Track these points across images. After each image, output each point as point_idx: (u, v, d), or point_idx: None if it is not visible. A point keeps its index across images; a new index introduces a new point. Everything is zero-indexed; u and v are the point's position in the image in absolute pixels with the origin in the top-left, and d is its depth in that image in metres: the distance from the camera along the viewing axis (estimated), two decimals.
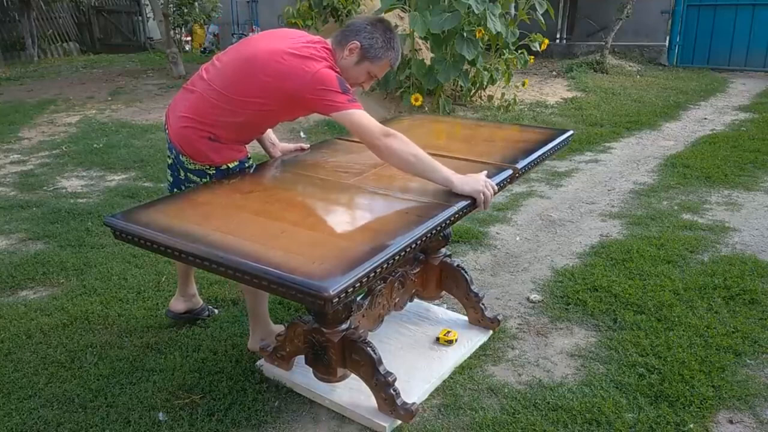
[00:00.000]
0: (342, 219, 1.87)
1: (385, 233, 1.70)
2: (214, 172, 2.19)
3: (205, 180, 2.20)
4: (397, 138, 1.95)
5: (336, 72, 2.04)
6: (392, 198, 1.96)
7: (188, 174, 2.22)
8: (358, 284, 1.47)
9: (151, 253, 3.31)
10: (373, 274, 1.51)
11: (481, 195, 1.95)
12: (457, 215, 1.87)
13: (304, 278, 1.44)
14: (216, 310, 2.78)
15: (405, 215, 1.83)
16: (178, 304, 2.63)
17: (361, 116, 1.98)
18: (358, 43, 2.09)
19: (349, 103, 1.99)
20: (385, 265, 1.55)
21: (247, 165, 2.27)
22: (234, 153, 2.20)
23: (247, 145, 2.31)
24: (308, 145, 2.61)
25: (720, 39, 9.53)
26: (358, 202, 1.98)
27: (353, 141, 2.59)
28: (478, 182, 1.96)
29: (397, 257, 1.59)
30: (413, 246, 1.65)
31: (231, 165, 2.21)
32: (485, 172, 2.03)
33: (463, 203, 1.89)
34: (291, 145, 2.56)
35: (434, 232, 1.75)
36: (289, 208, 1.90)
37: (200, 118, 2.12)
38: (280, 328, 2.36)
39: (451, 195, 1.93)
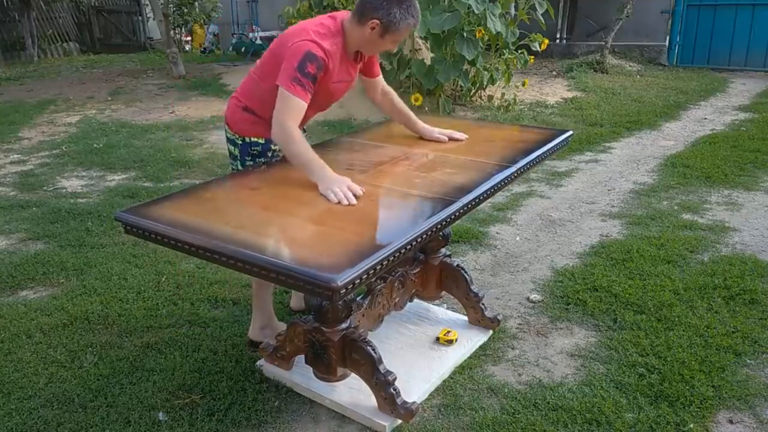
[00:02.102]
0: (348, 214, 1.88)
1: (390, 228, 1.74)
2: (241, 143, 2.32)
3: (234, 150, 2.36)
4: (291, 138, 2.05)
5: (323, 53, 2.06)
6: (396, 194, 1.97)
7: (227, 143, 2.40)
8: (365, 276, 1.50)
9: (152, 253, 3.33)
10: (379, 266, 1.54)
11: (330, 194, 1.98)
12: (461, 211, 1.87)
13: (312, 270, 1.48)
14: None
15: (409, 211, 1.85)
16: (294, 302, 2.78)
17: (289, 100, 2.05)
18: (378, 20, 2.11)
19: (292, 83, 2.05)
20: (391, 258, 1.58)
21: (273, 146, 2.32)
22: (261, 129, 2.26)
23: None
24: (462, 136, 2.56)
25: (720, 39, 9.53)
26: (364, 198, 1.99)
27: (356, 140, 2.60)
28: (341, 183, 2.00)
29: (402, 250, 1.62)
30: (418, 240, 1.68)
31: (256, 140, 2.30)
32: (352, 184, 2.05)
33: (465, 200, 1.89)
34: (435, 135, 2.54)
35: (438, 227, 1.77)
36: (296, 204, 1.93)
37: (241, 91, 2.32)
38: (282, 326, 2.39)
39: (455, 190, 1.94)
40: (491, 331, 2.55)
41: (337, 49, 2.12)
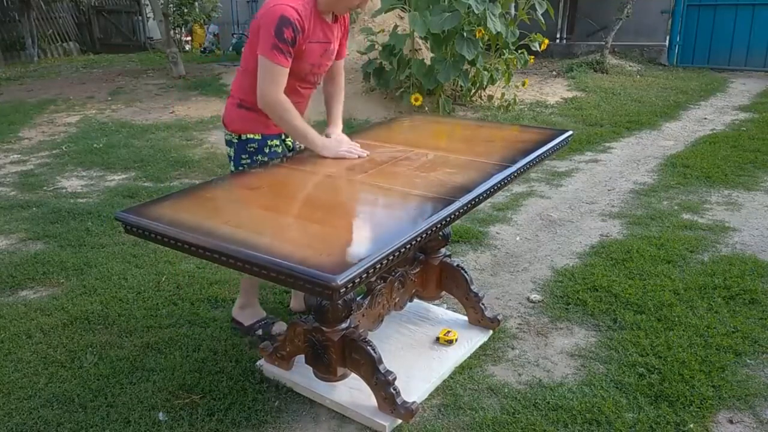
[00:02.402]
0: (348, 213, 1.89)
1: (390, 227, 1.74)
2: (236, 141, 2.33)
3: (230, 151, 2.36)
4: (281, 105, 2.16)
5: (296, 14, 2.07)
6: (397, 194, 1.97)
7: (226, 146, 2.41)
8: (365, 275, 1.51)
9: (152, 253, 3.33)
10: (379, 266, 1.54)
11: (342, 154, 2.23)
12: (461, 211, 1.87)
13: (312, 269, 1.48)
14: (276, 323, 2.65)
15: (409, 211, 1.85)
16: (294, 303, 2.77)
17: (270, 68, 2.11)
18: None
19: (271, 50, 2.08)
20: (390, 258, 1.58)
21: (270, 142, 2.34)
22: (257, 125, 2.29)
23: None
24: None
25: (720, 39, 9.53)
26: (364, 198, 2.00)
27: (356, 140, 2.59)
28: (341, 144, 2.28)
29: (402, 250, 1.62)
30: (418, 240, 1.68)
31: (252, 136, 2.31)
32: (346, 139, 2.33)
33: (465, 200, 1.89)
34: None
35: (438, 227, 1.77)
36: (297, 203, 1.94)
37: (234, 88, 2.35)
38: (262, 313, 2.57)
39: (455, 190, 1.94)
40: (491, 331, 2.55)
41: (309, 8, 2.13)
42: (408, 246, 1.65)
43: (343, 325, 2.02)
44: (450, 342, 2.43)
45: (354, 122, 6.46)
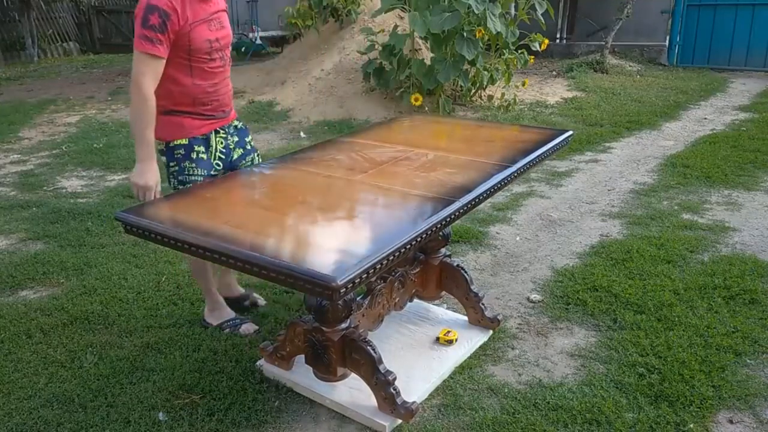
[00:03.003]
0: (348, 214, 1.89)
1: (390, 227, 1.75)
2: (164, 148, 2.31)
3: (162, 157, 2.32)
4: (139, 94, 2.10)
5: (164, 0, 2.05)
6: (397, 194, 1.97)
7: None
8: (365, 275, 1.51)
9: (152, 253, 3.33)
10: (379, 266, 1.55)
11: (135, 190, 2.21)
12: (461, 211, 1.87)
13: (312, 269, 1.48)
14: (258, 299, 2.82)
15: (410, 210, 1.85)
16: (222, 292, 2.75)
17: (139, 57, 2.08)
18: None
19: (139, 40, 2.06)
20: (390, 258, 1.58)
21: (197, 148, 2.31)
22: (181, 130, 2.27)
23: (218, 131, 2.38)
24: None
25: (720, 39, 9.52)
26: (364, 198, 2.00)
27: (356, 140, 2.60)
28: (142, 185, 2.20)
29: (402, 250, 1.63)
30: (418, 240, 1.68)
31: (178, 142, 2.29)
32: (157, 183, 2.23)
33: (465, 200, 1.89)
34: None
35: (438, 227, 1.77)
36: (296, 204, 1.94)
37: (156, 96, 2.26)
38: (230, 313, 2.61)
39: (455, 190, 1.94)
40: (491, 331, 2.55)
41: None
42: (408, 246, 1.65)
43: (343, 325, 2.03)
44: (450, 342, 2.43)
45: (354, 122, 6.46)
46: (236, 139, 2.50)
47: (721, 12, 9.45)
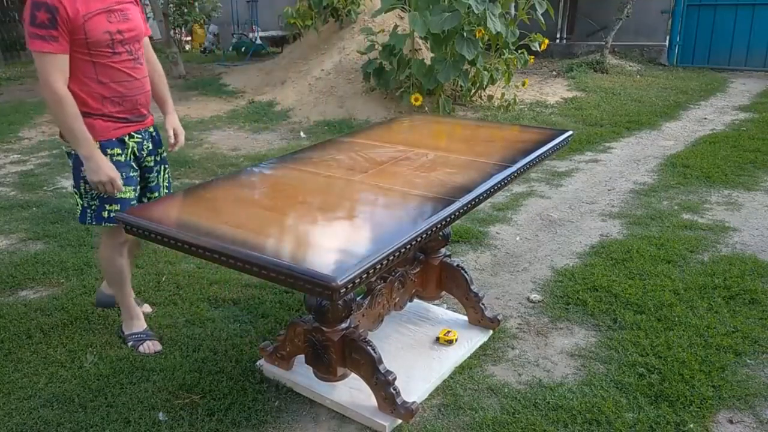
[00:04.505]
0: (348, 214, 1.89)
1: (390, 227, 1.75)
2: (71, 150, 2.19)
3: (69, 160, 2.25)
4: (55, 97, 2.00)
5: None
6: (397, 194, 1.97)
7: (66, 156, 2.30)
8: (365, 275, 1.51)
9: (152, 253, 3.33)
10: (379, 266, 1.55)
11: (101, 188, 2.15)
12: (461, 211, 1.87)
13: (312, 269, 1.48)
14: (145, 307, 2.73)
15: (410, 210, 1.85)
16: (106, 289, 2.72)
17: (38, 59, 1.98)
18: None
19: (31, 40, 1.96)
20: (390, 258, 1.58)
21: (110, 151, 2.19)
22: (92, 132, 2.13)
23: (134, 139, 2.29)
24: (175, 143, 2.49)
25: (720, 39, 9.52)
26: (364, 198, 2.00)
27: (356, 140, 2.60)
28: (100, 171, 2.12)
29: (402, 250, 1.63)
30: (418, 240, 1.68)
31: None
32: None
33: (465, 200, 1.89)
34: (169, 129, 2.48)
35: (438, 227, 1.77)
36: (296, 204, 1.94)
37: None
38: (141, 327, 2.51)
39: (455, 190, 1.94)
40: (491, 331, 2.55)
41: None
42: (408, 246, 1.65)
43: (343, 325, 2.03)
44: (450, 342, 2.43)
45: (354, 122, 6.46)
46: (150, 146, 2.39)
47: (721, 12, 9.45)
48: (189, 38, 13.73)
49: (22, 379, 2.30)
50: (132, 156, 2.30)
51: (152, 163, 2.41)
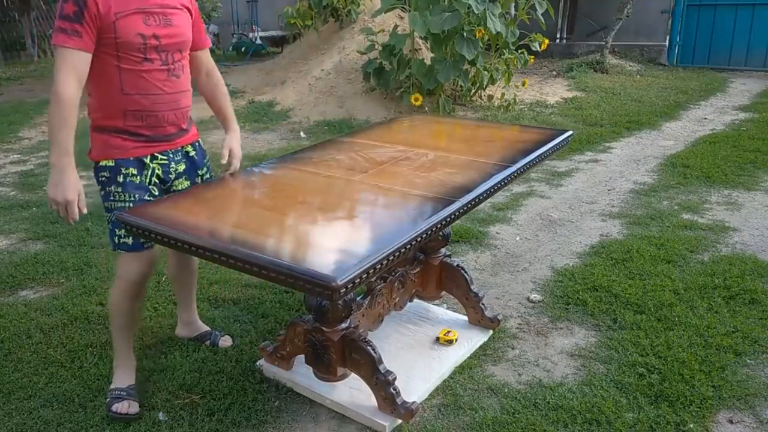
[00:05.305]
0: (348, 214, 1.89)
1: (390, 227, 1.74)
2: (93, 168, 2.04)
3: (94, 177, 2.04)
4: (55, 94, 1.82)
5: None
6: (397, 194, 1.97)
7: None
8: (365, 275, 1.50)
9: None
10: (379, 266, 1.54)
11: (54, 207, 1.90)
12: (461, 211, 1.87)
13: (312, 269, 1.48)
14: (225, 339, 2.51)
15: (410, 210, 1.85)
16: (178, 329, 2.57)
17: (57, 53, 1.84)
18: None
19: (55, 34, 1.82)
20: (390, 258, 1.58)
21: (125, 170, 1.98)
22: (108, 149, 1.96)
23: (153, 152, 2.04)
24: (232, 166, 2.22)
25: (720, 39, 9.52)
26: (364, 198, 1.99)
27: (356, 140, 2.60)
28: (60, 192, 1.86)
29: (402, 250, 1.63)
30: (418, 240, 1.68)
31: (104, 163, 1.99)
32: (78, 192, 1.89)
33: (465, 200, 1.89)
34: (224, 149, 2.21)
35: (438, 227, 1.77)
36: (297, 204, 1.93)
37: (88, 110, 2.04)
38: (127, 382, 2.15)
39: (455, 190, 1.94)
40: (491, 331, 2.55)
41: None
42: (408, 246, 1.65)
43: (343, 325, 2.03)
44: (450, 342, 2.43)
45: (354, 122, 6.46)
46: (183, 167, 2.13)
47: (721, 12, 9.45)
48: None
49: (22, 379, 2.30)
50: (156, 179, 2.06)
51: (188, 186, 2.14)
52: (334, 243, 1.66)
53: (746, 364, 2.33)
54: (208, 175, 2.23)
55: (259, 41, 11.47)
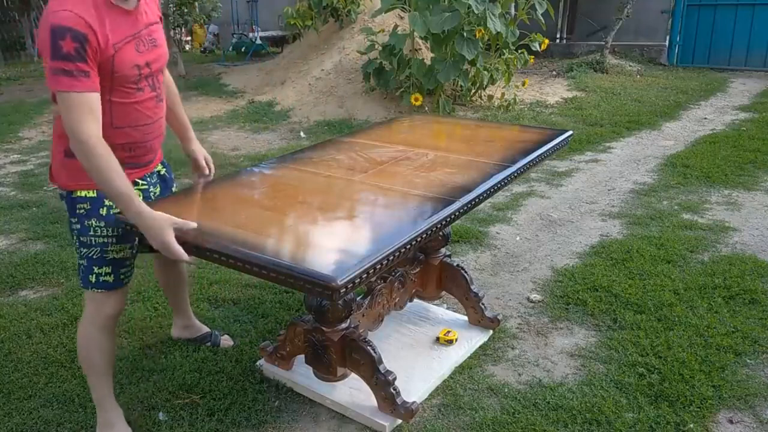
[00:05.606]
0: (348, 213, 1.89)
1: (390, 227, 1.74)
2: (65, 198, 1.83)
3: (65, 206, 1.85)
4: (88, 148, 1.59)
5: (73, 16, 1.54)
6: (396, 194, 1.97)
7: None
8: (365, 275, 1.50)
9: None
10: (379, 266, 1.54)
11: (166, 245, 1.64)
12: (461, 211, 1.87)
13: (312, 269, 1.48)
14: (226, 339, 2.50)
15: (410, 210, 1.85)
16: (174, 331, 2.54)
17: (65, 100, 1.57)
18: None
19: (55, 77, 1.56)
20: (390, 258, 1.58)
21: (108, 201, 1.79)
22: (86, 178, 1.70)
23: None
24: (206, 176, 2.17)
25: (720, 38, 9.52)
26: (364, 198, 2.00)
27: (356, 140, 2.60)
28: (164, 229, 1.64)
29: (402, 250, 1.63)
30: (418, 240, 1.68)
31: (83, 194, 1.80)
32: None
33: (465, 200, 1.89)
34: (201, 159, 2.15)
35: (438, 227, 1.77)
36: (297, 204, 1.94)
37: (56, 129, 1.80)
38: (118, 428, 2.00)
39: (455, 190, 1.94)
40: (491, 331, 2.55)
41: (91, 1, 1.60)
42: (408, 246, 1.65)
43: (343, 325, 2.03)
44: (450, 342, 2.43)
45: (354, 122, 6.46)
46: (159, 189, 2.02)
47: (721, 12, 9.45)
48: (189, 38, 13.73)
49: (22, 379, 2.30)
50: None
51: None
52: (334, 243, 1.66)
53: (746, 364, 2.33)
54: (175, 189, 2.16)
55: (259, 41, 11.47)
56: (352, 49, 7.69)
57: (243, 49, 11.57)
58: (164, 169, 2.09)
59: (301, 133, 6.24)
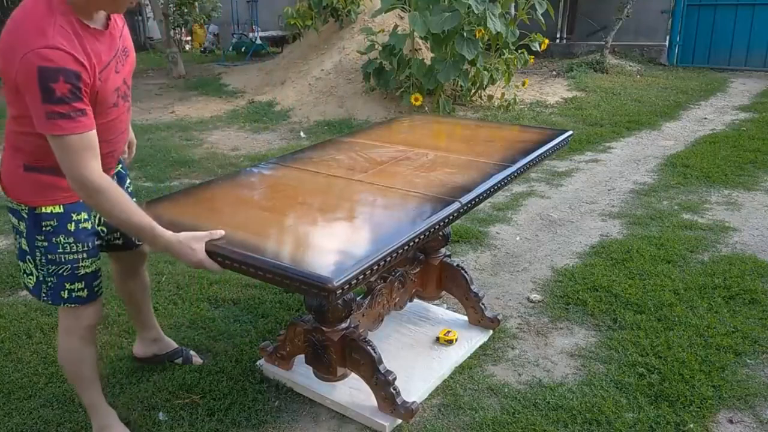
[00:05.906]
0: (347, 214, 1.89)
1: (389, 227, 1.74)
2: (27, 215, 1.71)
3: (19, 224, 1.74)
4: (98, 191, 1.54)
5: (58, 52, 1.45)
6: (396, 194, 1.97)
7: (8, 213, 1.78)
8: (362, 276, 1.50)
9: (152, 253, 3.32)
10: (376, 266, 1.54)
11: (206, 268, 1.66)
12: (461, 211, 1.87)
13: (308, 270, 1.47)
14: (197, 358, 2.39)
15: (409, 210, 1.85)
16: (138, 349, 2.38)
17: (64, 143, 1.49)
18: None
19: (49, 122, 1.46)
20: (388, 258, 1.58)
21: (76, 216, 1.73)
22: (54, 192, 1.67)
23: None
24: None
25: (720, 38, 9.52)
26: (363, 198, 1.99)
27: (356, 140, 2.60)
28: (191, 259, 1.64)
29: (400, 251, 1.62)
30: (417, 240, 1.68)
31: (48, 210, 1.70)
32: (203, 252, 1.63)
33: (465, 200, 1.89)
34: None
35: (438, 227, 1.77)
36: (295, 204, 1.93)
37: (11, 141, 1.68)
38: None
39: (455, 190, 1.94)
40: (491, 331, 2.55)
41: (71, 30, 1.51)
42: (407, 246, 1.65)
43: (343, 325, 2.03)
44: (450, 342, 2.43)
45: (354, 122, 6.46)
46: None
47: (721, 12, 9.45)
48: (189, 38, 13.73)
49: (22, 379, 2.30)
50: (103, 226, 1.88)
51: None
52: (333, 243, 1.66)
53: (746, 364, 2.33)
54: (130, 189, 2.08)
55: (259, 41, 11.47)
56: (352, 49, 7.69)
57: (243, 49, 11.57)
58: (120, 166, 2.00)
59: (301, 133, 6.24)
